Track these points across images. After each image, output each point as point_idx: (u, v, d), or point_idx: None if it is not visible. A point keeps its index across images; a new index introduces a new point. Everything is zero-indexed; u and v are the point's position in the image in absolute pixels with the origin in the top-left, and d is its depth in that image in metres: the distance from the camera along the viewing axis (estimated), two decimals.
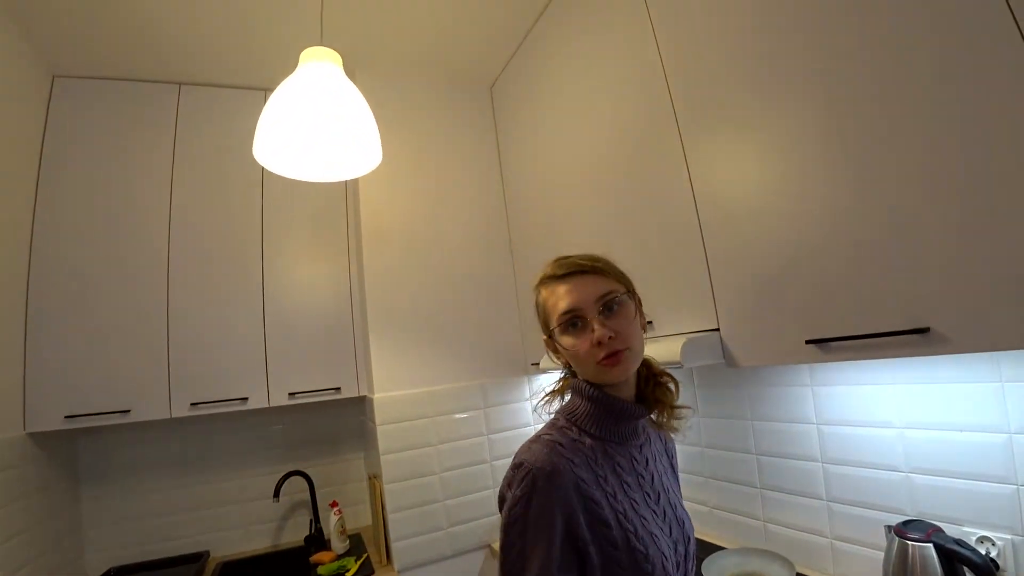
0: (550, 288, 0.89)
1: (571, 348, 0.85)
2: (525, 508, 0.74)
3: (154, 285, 1.90)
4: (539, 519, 0.73)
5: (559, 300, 0.86)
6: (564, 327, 0.85)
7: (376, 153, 1.25)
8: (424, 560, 1.93)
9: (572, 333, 0.85)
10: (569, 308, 0.85)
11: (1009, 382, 1.05)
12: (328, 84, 1.13)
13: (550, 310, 0.88)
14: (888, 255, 0.91)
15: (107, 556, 1.97)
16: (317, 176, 1.30)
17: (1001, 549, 1.06)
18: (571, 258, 0.90)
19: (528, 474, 0.76)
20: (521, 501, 0.75)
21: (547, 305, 0.89)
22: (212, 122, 2.07)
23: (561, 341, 0.86)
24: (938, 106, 0.82)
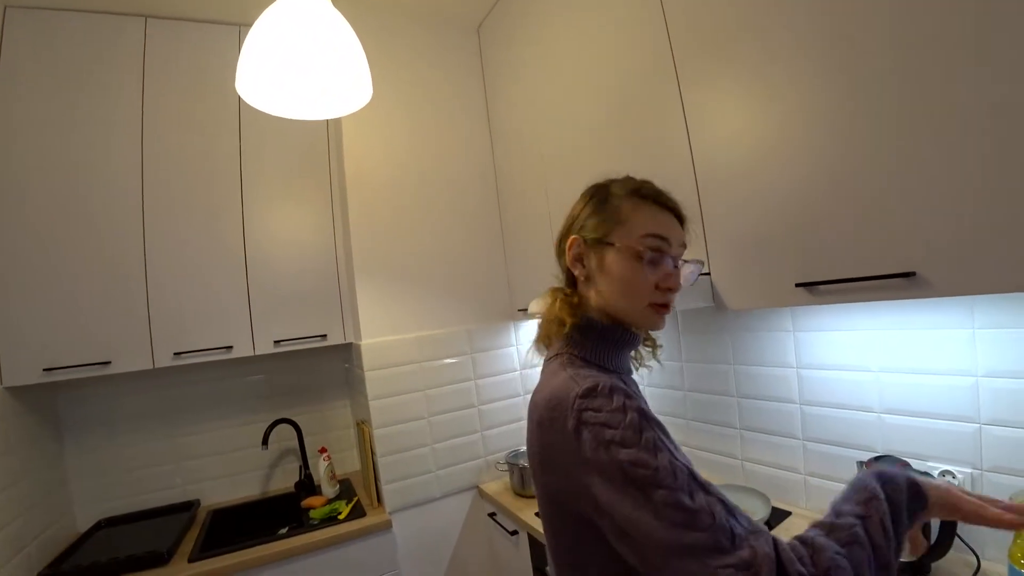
0: (643, 205, 0.82)
1: (637, 274, 0.79)
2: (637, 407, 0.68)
3: (129, 232, 1.83)
4: (646, 410, 0.69)
5: (649, 221, 0.80)
6: (640, 250, 0.79)
7: (366, 88, 1.20)
8: (414, 502, 1.99)
9: (643, 260, 0.79)
10: (660, 235, 0.80)
11: (980, 329, 1.10)
12: (315, 13, 1.07)
13: (625, 220, 0.81)
14: (877, 202, 0.93)
15: (97, 508, 1.98)
16: (306, 113, 1.24)
17: (961, 481, 1.14)
18: (667, 192, 0.85)
19: (612, 387, 0.69)
20: (627, 407, 0.67)
21: (624, 215, 0.81)
22: (183, 60, 1.95)
23: (621, 260, 0.79)
24: (932, 59, 0.82)
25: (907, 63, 0.86)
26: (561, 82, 1.75)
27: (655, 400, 1.92)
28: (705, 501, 0.60)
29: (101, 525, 1.93)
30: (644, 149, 1.44)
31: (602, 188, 0.87)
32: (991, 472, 1.11)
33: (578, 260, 0.85)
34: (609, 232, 0.81)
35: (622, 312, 0.82)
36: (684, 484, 0.61)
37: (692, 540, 0.57)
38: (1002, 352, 1.08)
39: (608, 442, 0.64)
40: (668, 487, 0.60)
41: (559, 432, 0.70)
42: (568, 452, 0.69)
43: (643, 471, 0.62)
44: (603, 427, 0.66)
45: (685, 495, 0.60)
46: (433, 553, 2.03)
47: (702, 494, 0.61)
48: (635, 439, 0.64)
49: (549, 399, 0.74)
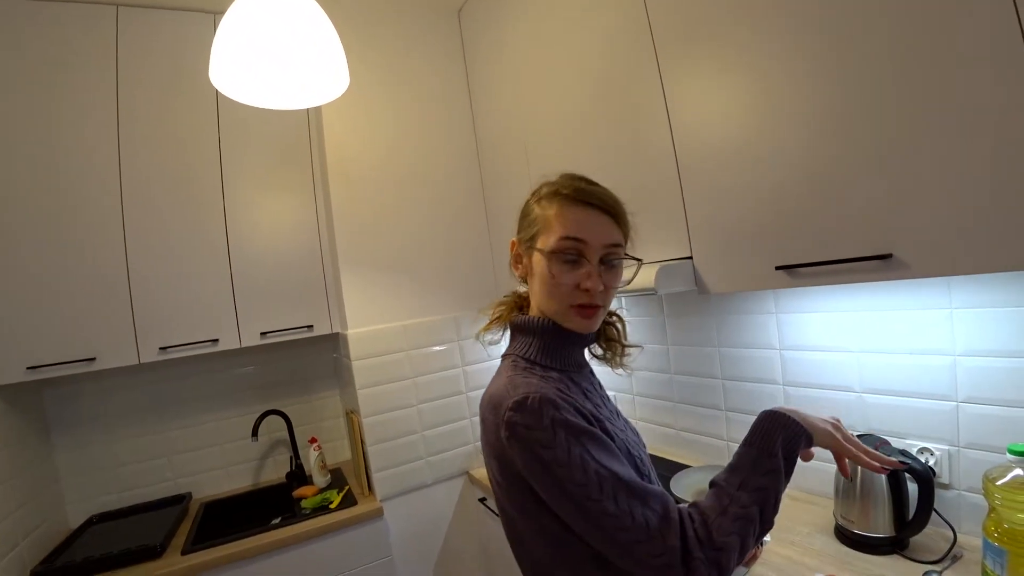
0: (558, 205, 0.81)
1: (554, 277, 0.79)
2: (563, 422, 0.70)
3: (108, 226, 1.80)
4: (573, 423, 0.71)
5: (566, 223, 0.79)
6: (557, 253, 0.79)
7: (343, 78, 1.18)
8: (404, 489, 2.01)
9: (561, 263, 0.79)
10: (575, 237, 0.78)
11: (958, 308, 1.11)
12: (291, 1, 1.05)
13: (549, 224, 0.81)
14: (854, 187, 0.94)
15: (88, 504, 1.99)
16: (280, 103, 1.22)
17: (938, 458, 1.17)
18: (596, 189, 0.83)
19: (542, 400, 0.71)
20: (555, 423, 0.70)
21: (547, 217, 0.81)
22: (157, 49, 1.91)
23: (544, 263, 0.80)
24: (910, 45, 0.83)
25: (887, 52, 0.86)
26: (542, 66, 1.74)
27: (642, 383, 1.94)
28: (627, 504, 0.67)
29: (93, 521, 1.94)
30: (625, 135, 1.43)
31: (537, 190, 0.88)
32: (967, 449, 1.13)
33: (517, 262, 0.88)
34: (536, 235, 0.83)
35: (550, 313, 0.83)
36: (609, 493, 0.68)
37: (622, 538, 0.67)
38: (979, 331, 1.09)
39: (539, 459, 0.69)
40: (595, 499, 0.67)
41: (494, 434, 0.76)
42: (503, 452, 0.74)
43: (572, 487, 0.68)
44: (536, 444, 0.70)
45: (611, 502, 0.67)
46: (425, 539, 2.06)
47: (624, 497, 0.68)
48: (564, 458, 0.68)
49: (489, 401, 0.79)
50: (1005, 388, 1.06)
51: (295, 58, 1.08)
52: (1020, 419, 1.04)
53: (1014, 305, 1.03)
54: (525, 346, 0.84)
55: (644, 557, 0.66)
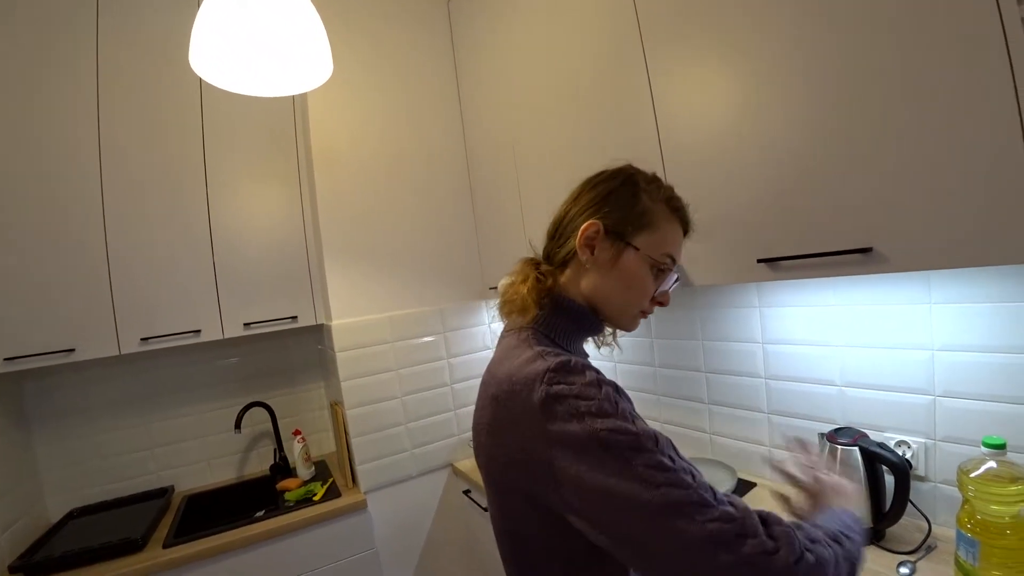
0: (668, 216, 0.83)
1: (645, 284, 0.81)
2: (610, 383, 0.68)
3: (88, 215, 1.76)
4: (618, 388, 0.69)
5: (675, 239, 0.84)
6: (660, 264, 0.81)
7: (326, 66, 1.17)
8: (389, 481, 2.00)
9: (655, 271, 0.81)
10: (674, 259, 0.83)
11: (937, 304, 1.13)
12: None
13: (656, 228, 0.81)
14: (836, 181, 0.95)
15: (68, 497, 1.96)
16: (262, 90, 1.21)
17: (915, 451, 1.19)
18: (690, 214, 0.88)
19: (584, 364, 0.69)
20: (597, 381, 0.67)
21: (656, 221, 0.81)
22: (138, 34, 1.86)
23: (639, 264, 0.80)
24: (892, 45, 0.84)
25: (870, 49, 0.86)
26: (531, 57, 1.72)
27: (626, 377, 1.94)
28: (682, 463, 0.62)
29: (73, 515, 1.91)
30: (611, 126, 1.43)
31: (631, 181, 0.83)
32: (943, 442, 1.15)
33: (589, 246, 0.80)
34: (634, 232, 0.80)
35: (612, 310, 0.82)
36: (664, 447, 0.62)
37: (678, 496, 0.58)
38: (957, 326, 1.10)
39: (583, 413, 0.63)
40: (649, 450, 0.61)
41: (519, 406, 0.68)
42: (527, 426, 0.67)
43: (623, 437, 0.61)
44: (577, 399, 0.64)
45: (665, 457, 0.61)
46: (409, 531, 2.06)
47: (678, 458, 0.63)
48: (612, 409, 0.64)
49: (512, 374, 0.71)
50: (980, 382, 1.08)
51: (277, 44, 1.06)
52: (994, 412, 1.06)
53: (991, 300, 1.05)
54: (549, 326, 0.80)
55: (708, 520, 0.56)
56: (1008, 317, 1.03)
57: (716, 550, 0.55)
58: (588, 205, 0.82)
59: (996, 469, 0.92)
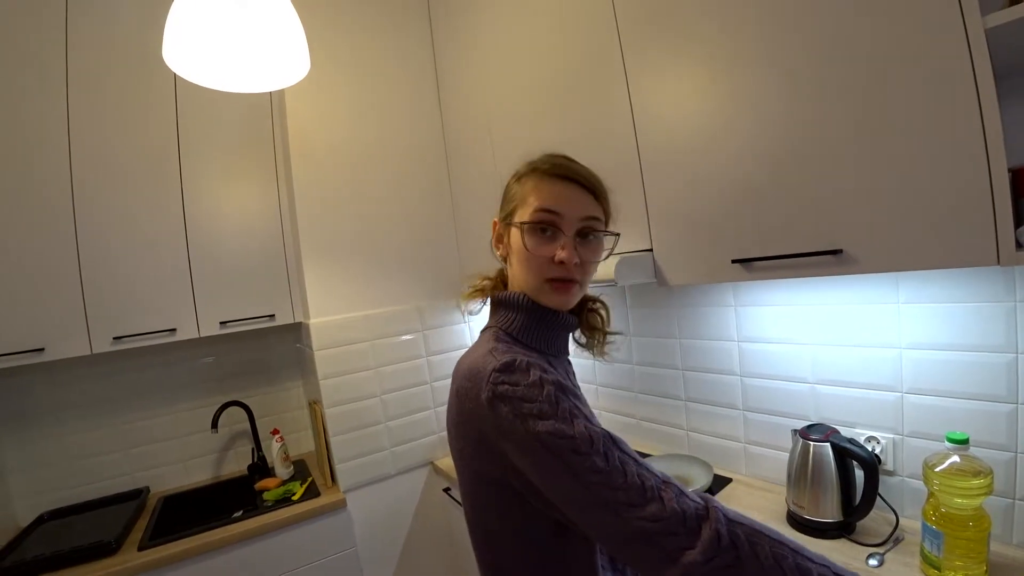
0: (535, 180, 0.81)
1: (529, 249, 0.78)
2: (553, 380, 0.69)
3: (56, 210, 1.71)
4: (563, 383, 0.70)
5: (542, 195, 0.79)
6: (532, 226, 0.78)
7: (303, 62, 1.15)
8: (368, 480, 2.00)
9: (536, 235, 0.78)
10: (550, 209, 0.78)
11: (905, 303, 1.16)
12: None
13: (525, 198, 0.81)
14: (809, 184, 0.97)
15: (39, 501, 1.91)
16: (238, 86, 1.18)
17: (884, 446, 1.22)
18: (574, 164, 0.83)
19: (528, 363, 0.71)
20: (543, 380, 0.69)
21: (523, 192, 0.81)
22: (109, 27, 1.80)
23: (520, 236, 0.80)
24: (864, 50, 0.86)
25: (847, 55, 0.88)
26: (511, 55, 1.72)
27: (605, 374, 1.96)
28: (619, 460, 0.64)
29: (44, 518, 1.86)
30: (589, 124, 1.43)
31: (515, 175, 0.87)
32: (910, 437, 1.18)
33: (499, 241, 0.87)
34: (513, 210, 0.83)
35: (528, 289, 0.82)
36: (599, 448, 0.64)
37: (608, 496, 0.62)
38: (923, 326, 1.14)
39: (525, 415, 0.66)
40: (584, 453, 0.63)
41: (472, 401, 0.72)
42: (482, 421, 0.71)
43: (561, 441, 0.64)
44: (520, 401, 0.67)
45: (600, 458, 0.63)
46: (389, 529, 2.06)
47: (616, 453, 0.65)
48: (552, 411, 0.66)
49: (468, 369, 0.75)
50: (945, 380, 1.11)
51: (252, 39, 1.05)
52: (958, 409, 1.10)
53: (956, 301, 1.08)
54: (507, 321, 0.83)
55: (637, 518, 0.60)
56: (972, 317, 1.06)
57: (640, 544, 0.60)
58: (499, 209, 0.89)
59: (959, 464, 0.96)
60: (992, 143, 0.74)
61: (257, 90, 1.23)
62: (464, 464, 0.79)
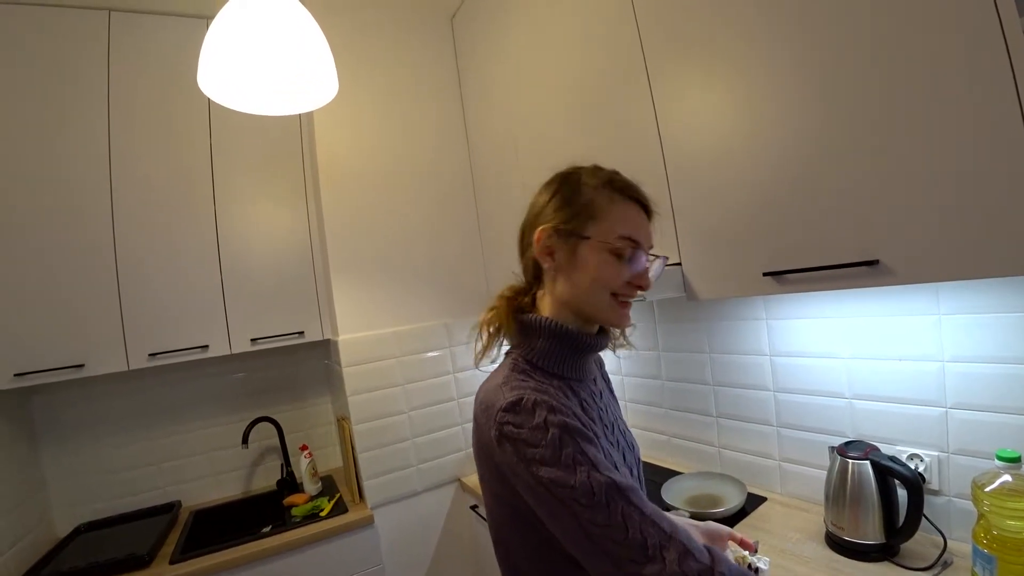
0: (617, 199, 0.80)
1: (610, 272, 0.78)
2: (559, 422, 0.68)
3: (98, 232, 1.79)
4: (570, 424, 0.69)
5: (625, 221, 0.79)
6: (618, 248, 0.78)
7: (331, 85, 1.18)
8: (395, 496, 1.99)
9: (616, 257, 0.78)
10: (634, 239, 0.79)
11: (946, 315, 1.12)
12: (277, 7, 1.05)
13: (601, 215, 0.79)
14: (842, 193, 0.94)
15: (76, 512, 1.96)
16: (268, 109, 1.22)
17: (928, 464, 1.17)
18: (642, 189, 0.83)
19: (535, 402, 0.70)
20: (548, 422, 0.68)
21: (598, 208, 0.79)
22: (149, 54, 1.91)
23: (597, 254, 0.78)
24: (894, 52, 0.83)
25: (877, 59, 0.86)
26: (534, 73, 1.74)
27: (634, 390, 1.93)
28: (621, 514, 0.63)
29: (81, 530, 1.91)
30: (615, 141, 1.43)
31: (571, 178, 0.84)
32: (957, 455, 1.13)
33: (548, 252, 0.81)
34: (583, 225, 0.79)
35: (590, 307, 0.81)
36: (601, 499, 0.64)
37: (609, 548, 0.63)
38: (966, 337, 1.09)
39: (529, 460, 0.67)
40: (585, 505, 0.64)
41: (486, 435, 0.73)
42: (494, 454, 0.72)
43: (562, 490, 0.65)
44: (524, 444, 0.68)
45: (601, 511, 0.63)
46: (416, 547, 2.04)
47: (620, 505, 0.64)
48: (555, 457, 0.66)
49: (482, 401, 0.76)
50: (992, 394, 1.06)
51: (282, 64, 1.08)
52: (1008, 425, 1.04)
53: (1000, 311, 1.04)
54: (529, 348, 0.81)
55: (634, 573, 0.61)
56: (1018, 327, 1.02)
57: None
58: (538, 212, 0.84)
59: (1011, 483, 0.91)
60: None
61: (287, 113, 1.27)
62: (485, 485, 0.81)
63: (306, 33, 1.10)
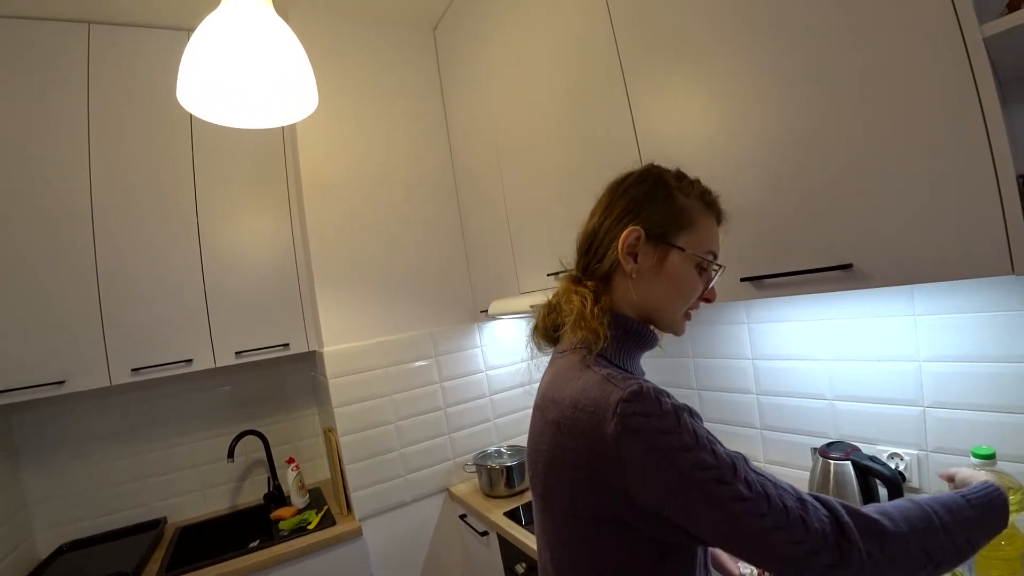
0: (703, 211, 0.81)
1: (691, 283, 0.79)
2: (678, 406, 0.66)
3: (78, 246, 1.76)
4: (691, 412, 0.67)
5: (715, 236, 0.82)
6: (706, 263, 0.79)
7: (311, 98, 1.18)
8: (384, 508, 1.98)
9: (700, 270, 0.79)
10: (716, 255, 0.81)
11: (921, 315, 1.14)
12: (257, 21, 1.06)
13: (694, 226, 0.79)
14: (817, 199, 0.96)
15: (59, 532, 1.92)
16: (248, 122, 1.22)
17: (908, 463, 1.19)
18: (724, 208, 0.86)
19: (656, 390, 0.67)
20: (676, 408, 0.65)
21: (692, 219, 0.79)
22: (129, 65, 1.89)
23: (686, 265, 0.78)
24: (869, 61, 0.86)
25: (850, 66, 0.88)
26: (516, 82, 1.75)
27: None
28: (760, 485, 0.62)
29: (63, 549, 1.87)
30: (595, 148, 1.45)
31: (662, 182, 0.81)
32: (935, 453, 1.15)
33: (632, 253, 0.78)
34: (675, 233, 0.78)
35: (664, 314, 0.80)
36: (741, 475, 0.63)
37: (753, 524, 0.60)
38: (942, 337, 1.12)
39: (666, 449, 0.63)
40: (729, 482, 0.62)
41: (587, 434, 0.67)
42: (599, 457, 0.66)
43: (705, 472, 0.62)
44: (659, 433, 0.63)
45: (743, 486, 0.62)
46: (406, 558, 2.03)
47: (755, 476, 0.63)
48: (693, 441, 0.63)
49: (577, 399, 0.69)
50: (968, 392, 1.08)
51: (263, 78, 1.08)
52: (983, 422, 1.07)
53: (973, 311, 1.06)
54: (603, 345, 0.75)
55: (784, 543, 0.60)
56: (991, 326, 1.04)
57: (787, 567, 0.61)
58: (623, 212, 0.80)
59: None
60: (998, 150, 0.73)
61: (268, 126, 1.27)
62: (556, 499, 0.74)
63: (286, 46, 1.10)
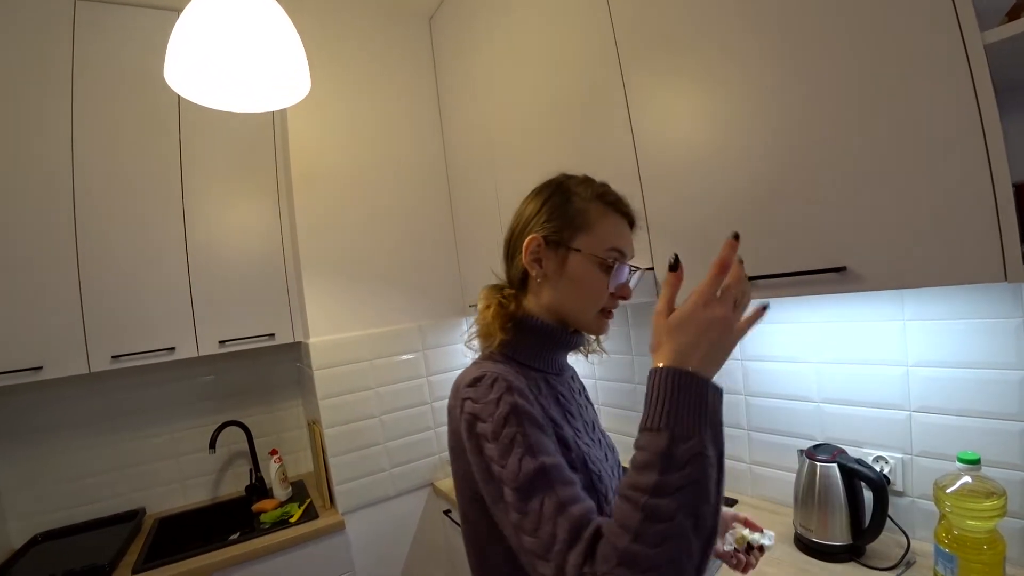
0: (608, 212, 0.81)
1: (598, 283, 0.79)
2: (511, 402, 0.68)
3: (58, 227, 1.71)
4: (520, 405, 0.68)
5: (614, 232, 0.81)
6: (607, 261, 0.79)
7: (303, 82, 1.16)
8: (367, 502, 1.96)
9: (603, 270, 0.79)
10: (622, 251, 0.81)
11: (910, 320, 1.15)
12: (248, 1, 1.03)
13: (591, 226, 0.80)
14: (811, 201, 0.96)
15: (32, 522, 1.87)
16: (237, 106, 1.19)
17: (893, 466, 1.20)
18: (629, 203, 0.85)
19: (497, 379, 0.71)
20: (502, 400, 0.68)
21: (589, 220, 0.80)
22: (116, 46, 1.83)
23: (585, 266, 0.79)
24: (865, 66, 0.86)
25: (848, 71, 0.88)
26: (512, 75, 1.74)
27: (607, 394, 1.94)
28: (539, 506, 0.62)
29: (37, 540, 1.83)
30: (590, 144, 1.44)
31: (562, 188, 0.84)
32: (920, 457, 1.16)
33: (536, 261, 0.82)
34: (573, 236, 0.80)
35: (574, 316, 0.82)
36: (524, 486, 0.63)
37: (521, 541, 0.63)
38: (930, 343, 1.12)
39: (477, 434, 0.69)
40: (510, 487, 0.64)
41: (453, 417, 0.76)
42: (456, 434, 0.74)
43: (495, 467, 0.66)
44: (474, 417, 0.70)
45: (522, 498, 0.63)
46: (389, 552, 2.02)
47: (539, 498, 0.62)
48: (495, 434, 0.67)
49: (454, 386, 0.78)
50: (954, 397, 1.09)
51: (253, 59, 1.06)
52: (968, 428, 1.07)
53: (961, 317, 1.07)
54: (514, 348, 0.82)
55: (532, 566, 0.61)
56: (981, 333, 1.05)
57: None
58: (527, 220, 0.84)
59: (971, 484, 0.93)
60: (995, 158, 0.73)
61: (257, 110, 1.24)
62: (456, 480, 0.80)
63: (278, 28, 1.08)
